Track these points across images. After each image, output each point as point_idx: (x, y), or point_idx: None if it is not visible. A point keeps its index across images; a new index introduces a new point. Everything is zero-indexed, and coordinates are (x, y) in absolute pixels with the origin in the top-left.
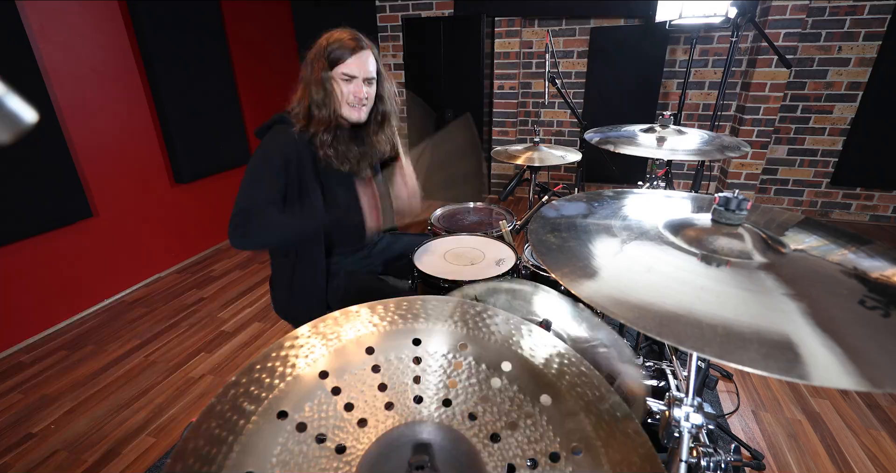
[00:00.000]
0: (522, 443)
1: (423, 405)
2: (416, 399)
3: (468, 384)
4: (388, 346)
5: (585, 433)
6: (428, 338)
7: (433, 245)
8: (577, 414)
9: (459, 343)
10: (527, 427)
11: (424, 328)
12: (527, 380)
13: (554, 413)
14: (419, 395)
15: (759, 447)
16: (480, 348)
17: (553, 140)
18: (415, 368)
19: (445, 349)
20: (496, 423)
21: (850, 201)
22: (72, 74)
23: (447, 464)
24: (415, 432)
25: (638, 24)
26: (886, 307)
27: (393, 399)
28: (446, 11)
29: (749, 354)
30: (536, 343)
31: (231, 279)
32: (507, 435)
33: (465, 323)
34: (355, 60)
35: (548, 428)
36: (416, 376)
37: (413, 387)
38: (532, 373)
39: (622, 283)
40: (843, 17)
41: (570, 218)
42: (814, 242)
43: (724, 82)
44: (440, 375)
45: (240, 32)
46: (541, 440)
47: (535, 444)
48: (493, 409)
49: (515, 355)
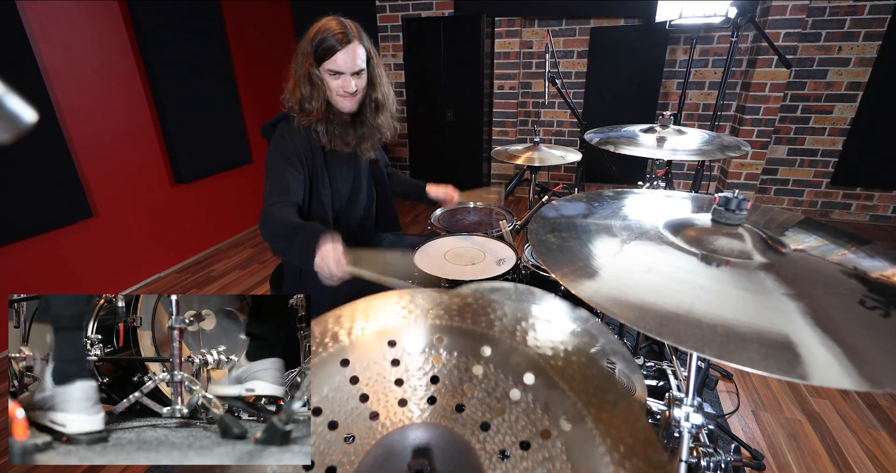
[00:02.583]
0: (512, 427)
1: (409, 407)
2: (400, 403)
3: (450, 376)
4: (365, 359)
5: (575, 407)
6: (402, 338)
7: (433, 245)
8: (563, 389)
9: (436, 336)
10: (514, 409)
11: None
12: (507, 362)
13: (540, 390)
14: (403, 398)
15: (759, 447)
16: (458, 338)
17: (553, 140)
18: (394, 370)
19: (422, 346)
20: (484, 412)
21: (849, 201)
22: (72, 74)
23: (445, 463)
24: (408, 436)
25: (638, 24)
26: (886, 307)
27: (378, 409)
28: (446, 11)
29: (749, 354)
30: (509, 318)
31: (231, 279)
32: (497, 422)
33: (439, 316)
34: (342, 56)
35: (535, 407)
36: (397, 378)
37: (396, 390)
38: (512, 354)
39: (622, 283)
40: (843, 17)
41: (570, 218)
42: (814, 242)
43: (724, 82)
44: (421, 375)
45: (240, 32)
46: (529, 421)
47: (525, 425)
48: (478, 397)
49: (493, 339)
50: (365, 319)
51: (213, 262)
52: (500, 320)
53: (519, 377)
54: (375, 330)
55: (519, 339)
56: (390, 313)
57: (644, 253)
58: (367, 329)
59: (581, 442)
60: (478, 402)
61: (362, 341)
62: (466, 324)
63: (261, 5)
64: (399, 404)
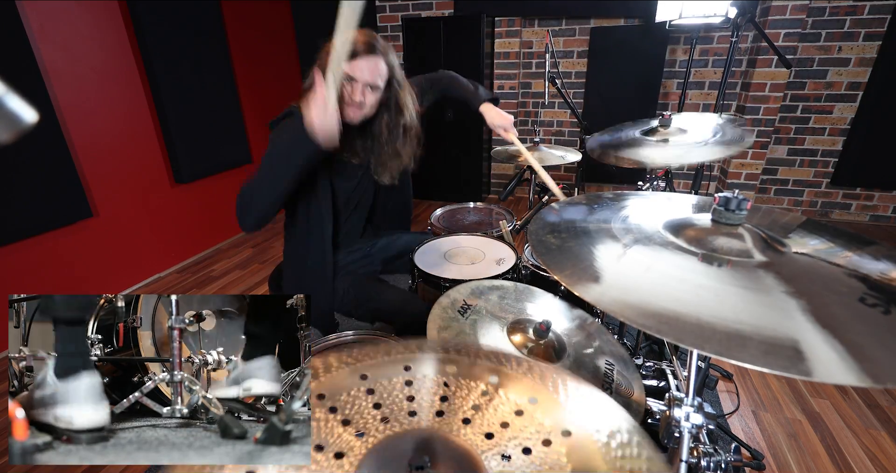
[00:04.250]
0: (516, 435)
1: (418, 417)
2: (410, 413)
3: (459, 397)
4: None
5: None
6: (417, 365)
7: (433, 244)
8: (562, 406)
9: (447, 366)
10: (518, 423)
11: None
12: (513, 387)
13: (542, 407)
14: (413, 410)
15: (759, 447)
16: (468, 369)
17: (553, 140)
18: (407, 389)
19: (433, 372)
20: (489, 425)
21: (850, 201)
22: (72, 74)
23: (445, 462)
24: (412, 438)
25: (638, 24)
26: (887, 304)
27: (388, 416)
28: (446, 11)
29: (749, 351)
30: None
31: (231, 279)
32: (500, 432)
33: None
34: (362, 62)
35: (538, 419)
36: (409, 395)
37: (407, 404)
38: (518, 382)
39: (622, 282)
40: (843, 17)
41: (570, 218)
42: (818, 245)
43: (724, 82)
44: (429, 393)
45: (240, 32)
46: (532, 430)
47: (528, 435)
48: (484, 415)
49: (499, 371)
50: (381, 352)
51: (213, 262)
52: (509, 364)
53: (524, 400)
54: (392, 357)
55: (525, 368)
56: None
57: (644, 253)
58: (385, 356)
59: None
60: (483, 418)
61: (379, 364)
62: (478, 360)
63: (261, 5)
64: (409, 414)
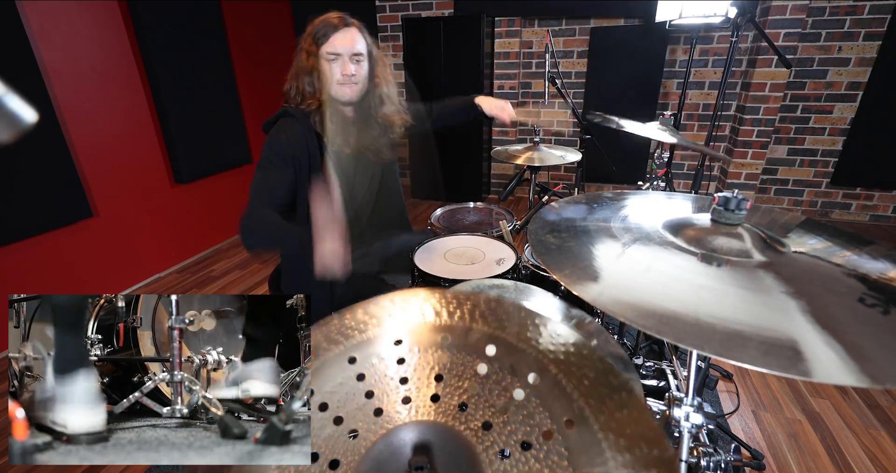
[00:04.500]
0: (515, 427)
1: (413, 404)
2: (403, 400)
3: (454, 375)
4: (372, 356)
5: (578, 407)
6: (408, 338)
7: (433, 244)
8: (566, 389)
9: (441, 335)
10: (517, 409)
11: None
12: (511, 361)
13: (543, 391)
14: (407, 396)
15: (759, 447)
16: (463, 336)
17: (553, 140)
18: (400, 369)
19: (427, 345)
20: (487, 411)
21: (849, 201)
22: (72, 74)
23: (445, 462)
24: (409, 434)
25: (638, 24)
26: (886, 304)
27: (382, 406)
28: (446, 11)
29: (749, 352)
30: (516, 319)
31: (231, 279)
32: (498, 422)
33: (440, 314)
34: (339, 37)
35: (538, 408)
36: (402, 377)
37: (400, 388)
38: (517, 353)
39: (622, 282)
40: (843, 17)
41: (570, 218)
42: (817, 244)
43: (724, 82)
44: (425, 373)
45: (240, 32)
46: (532, 421)
47: (527, 426)
48: (481, 396)
49: (498, 338)
50: (372, 318)
51: (213, 262)
52: (508, 320)
53: (523, 376)
54: (383, 329)
55: (525, 338)
56: (398, 313)
57: (644, 252)
58: (375, 328)
59: (584, 443)
60: (481, 401)
61: (369, 340)
62: (473, 324)
63: (261, 5)
64: (403, 402)
